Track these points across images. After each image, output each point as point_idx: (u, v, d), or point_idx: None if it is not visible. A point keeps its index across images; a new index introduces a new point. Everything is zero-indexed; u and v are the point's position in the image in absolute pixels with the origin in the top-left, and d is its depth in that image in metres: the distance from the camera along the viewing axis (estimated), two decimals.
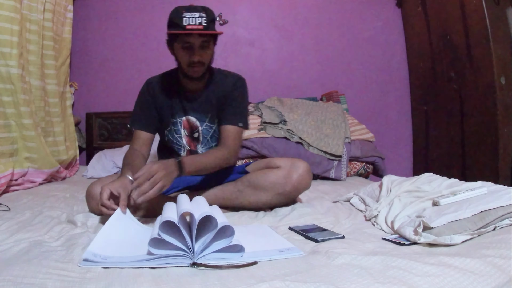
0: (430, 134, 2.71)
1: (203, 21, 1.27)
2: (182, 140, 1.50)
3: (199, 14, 1.27)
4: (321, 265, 0.77)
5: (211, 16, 1.31)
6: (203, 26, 1.27)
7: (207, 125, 1.47)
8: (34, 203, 1.49)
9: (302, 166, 1.34)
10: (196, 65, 1.34)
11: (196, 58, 1.32)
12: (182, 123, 1.48)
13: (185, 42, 1.31)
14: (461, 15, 2.24)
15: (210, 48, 1.36)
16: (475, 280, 0.67)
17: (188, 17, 1.26)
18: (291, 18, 2.96)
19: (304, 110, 2.46)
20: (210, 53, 1.38)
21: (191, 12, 1.27)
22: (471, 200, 1.01)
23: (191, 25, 1.26)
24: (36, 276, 0.71)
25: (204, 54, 1.34)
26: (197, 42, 1.30)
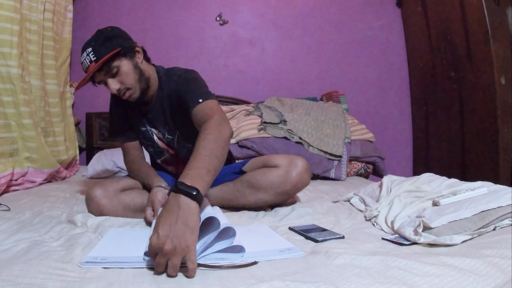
0: (430, 134, 2.71)
1: (91, 57, 1.18)
2: (159, 144, 1.46)
3: (86, 52, 1.19)
4: (321, 265, 0.77)
5: (99, 40, 1.20)
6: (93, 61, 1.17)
7: (167, 137, 1.41)
8: (34, 203, 1.49)
9: (301, 164, 1.32)
10: (123, 93, 1.25)
11: (113, 91, 1.23)
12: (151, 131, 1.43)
13: (99, 82, 1.25)
14: (461, 15, 2.24)
15: (123, 69, 1.22)
16: (475, 280, 0.67)
17: (82, 62, 1.21)
18: (291, 18, 2.96)
19: (304, 110, 2.46)
20: (128, 72, 1.23)
21: (82, 55, 1.21)
22: (471, 200, 1.01)
23: (86, 67, 1.20)
24: (36, 276, 0.70)
25: (122, 79, 1.23)
26: (103, 76, 1.22)
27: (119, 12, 2.90)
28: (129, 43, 1.28)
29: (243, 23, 2.96)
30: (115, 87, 1.23)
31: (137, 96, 1.29)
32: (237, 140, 2.30)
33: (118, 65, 1.22)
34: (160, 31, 2.92)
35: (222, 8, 2.93)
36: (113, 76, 1.22)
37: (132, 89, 1.26)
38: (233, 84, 2.94)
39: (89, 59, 1.18)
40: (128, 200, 1.26)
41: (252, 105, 2.57)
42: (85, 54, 1.20)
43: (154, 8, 2.91)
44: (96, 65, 1.17)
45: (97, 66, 1.17)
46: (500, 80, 2.02)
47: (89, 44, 1.21)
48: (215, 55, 2.95)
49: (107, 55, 1.17)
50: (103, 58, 1.17)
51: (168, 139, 1.42)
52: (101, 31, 1.25)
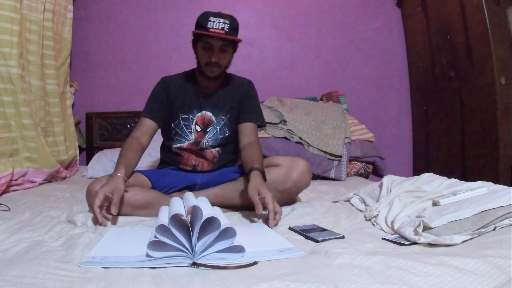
0: (430, 134, 2.71)
1: (225, 27, 1.38)
2: (190, 135, 1.54)
3: (223, 20, 1.38)
4: (321, 265, 0.77)
5: (234, 24, 1.43)
6: (224, 32, 1.37)
7: (220, 118, 1.54)
8: (34, 203, 1.49)
9: (302, 164, 1.37)
10: (213, 65, 1.43)
11: (213, 59, 1.41)
12: (194, 119, 1.53)
13: (206, 43, 1.41)
14: (461, 15, 2.24)
15: (228, 52, 1.46)
16: (475, 280, 0.67)
17: (213, 21, 1.37)
18: (291, 18, 2.96)
19: (304, 110, 2.46)
20: (228, 57, 1.47)
21: (216, 18, 1.38)
22: (471, 200, 1.01)
23: (214, 28, 1.36)
24: (36, 276, 0.71)
25: (222, 56, 1.43)
26: (217, 45, 1.40)
27: (119, 12, 2.90)
28: None
29: (243, 23, 2.94)
30: (216, 60, 1.42)
31: (215, 75, 1.47)
32: None
33: (229, 50, 1.46)
34: (160, 31, 2.92)
35: (222, 8, 2.91)
36: (221, 51, 1.43)
37: (220, 69, 1.46)
38: None
39: (223, 26, 1.38)
40: (128, 196, 1.26)
41: None
42: (221, 20, 1.38)
43: (154, 8, 2.91)
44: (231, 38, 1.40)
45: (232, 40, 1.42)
46: (500, 80, 2.02)
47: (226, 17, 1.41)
48: None
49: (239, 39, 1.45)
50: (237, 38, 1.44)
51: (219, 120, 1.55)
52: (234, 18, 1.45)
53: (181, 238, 0.81)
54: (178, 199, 1.05)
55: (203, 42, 1.42)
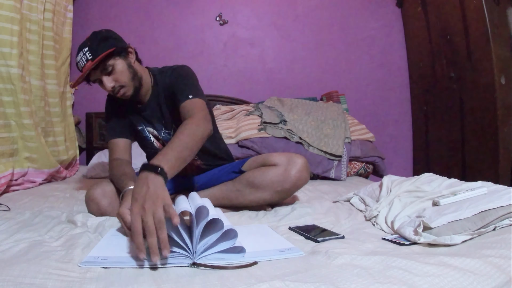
0: (430, 134, 2.71)
1: (88, 56, 1.22)
2: (155, 145, 1.47)
3: (82, 52, 1.23)
4: (321, 265, 0.77)
5: (96, 39, 1.24)
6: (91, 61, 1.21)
7: (165, 132, 1.43)
8: (34, 203, 1.49)
9: (300, 162, 1.32)
10: (118, 90, 1.29)
11: (108, 88, 1.27)
12: (147, 130, 1.45)
13: (94, 81, 1.29)
14: (461, 15, 2.24)
15: (118, 68, 1.27)
16: (475, 280, 0.67)
17: (78, 61, 1.24)
18: (291, 18, 2.96)
19: (304, 110, 2.46)
20: (121, 70, 1.27)
21: (78, 55, 1.24)
22: (471, 200, 1.01)
23: (81, 66, 1.24)
24: (36, 276, 0.70)
25: (115, 77, 1.27)
26: (98, 74, 1.26)
27: (119, 12, 2.90)
28: (123, 44, 1.33)
29: (243, 23, 2.96)
30: (110, 85, 1.27)
31: (131, 94, 1.32)
32: (237, 140, 2.30)
33: (113, 64, 1.26)
34: (160, 31, 2.92)
35: (222, 8, 2.94)
36: (108, 74, 1.27)
37: (126, 87, 1.30)
38: (233, 84, 2.94)
39: (86, 57, 1.23)
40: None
41: (252, 105, 2.57)
42: (82, 54, 1.24)
43: (154, 8, 2.91)
44: (93, 62, 1.21)
45: (94, 63, 1.21)
46: (500, 80, 2.02)
47: (85, 44, 1.25)
48: (215, 55, 2.95)
49: (103, 53, 1.22)
50: (100, 56, 1.21)
51: (165, 135, 1.43)
52: (96, 32, 1.29)
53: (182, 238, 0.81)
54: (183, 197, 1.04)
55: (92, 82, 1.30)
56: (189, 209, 0.87)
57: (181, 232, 0.81)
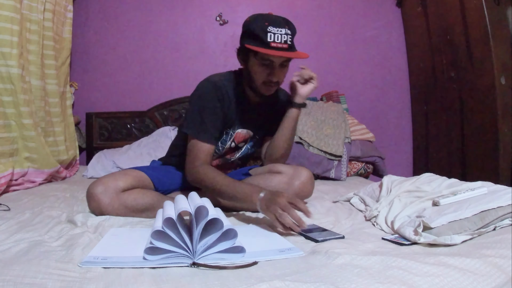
0: (430, 134, 2.71)
1: (288, 39, 1.19)
2: (221, 150, 1.43)
3: (284, 30, 1.19)
4: (321, 265, 0.77)
5: (294, 31, 1.24)
6: (288, 46, 1.19)
7: (255, 137, 1.46)
8: (34, 203, 1.49)
9: (305, 174, 1.33)
10: (273, 85, 1.27)
11: (275, 79, 1.25)
12: (233, 135, 1.41)
13: (265, 60, 1.22)
14: (461, 15, 2.24)
15: (287, 66, 1.30)
16: (475, 280, 0.67)
17: (273, 33, 1.18)
18: (291, 18, 2.93)
19: (304, 110, 2.45)
20: (286, 71, 1.31)
21: (276, 28, 1.18)
22: (471, 200, 1.01)
23: (276, 43, 1.18)
24: (36, 276, 0.70)
25: (282, 73, 1.28)
26: (279, 61, 1.23)
27: (119, 12, 2.90)
28: None
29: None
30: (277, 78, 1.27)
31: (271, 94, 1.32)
32: None
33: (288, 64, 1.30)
34: (160, 31, 2.91)
35: (222, 8, 2.93)
36: (281, 67, 1.27)
37: (278, 86, 1.32)
38: None
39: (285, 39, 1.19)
40: (130, 200, 1.25)
41: None
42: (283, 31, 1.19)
43: (154, 8, 2.91)
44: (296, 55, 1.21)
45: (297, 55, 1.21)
46: (500, 80, 2.02)
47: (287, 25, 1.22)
48: (215, 55, 2.94)
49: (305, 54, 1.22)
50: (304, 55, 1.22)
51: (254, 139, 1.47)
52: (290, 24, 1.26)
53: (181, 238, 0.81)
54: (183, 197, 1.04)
55: (261, 58, 1.22)
56: (188, 209, 0.87)
57: (181, 232, 0.81)
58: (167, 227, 0.81)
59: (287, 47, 1.20)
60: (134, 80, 2.89)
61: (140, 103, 2.84)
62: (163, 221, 0.82)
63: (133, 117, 2.81)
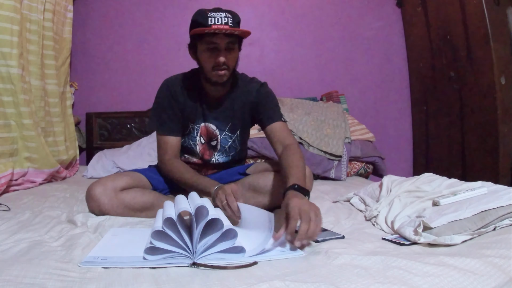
0: (430, 134, 2.71)
1: (229, 21, 1.21)
2: (195, 148, 1.44)
3: (224, 14, 1.22)
4: (321, 265, 0.77)
5: (237, 18, 1.26)
6: (229, 26, 1.20)
7: (226, 134, 1.42)
8: (34, 203, 1.49)
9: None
10: (222, 69, 1.27)
11: (221, 60, 1.24)
12: (199, 130, 1.42)
13: (210, 43, 1.24)
14: (461, 15, 2.24)
15: (235, 51, 1.29)
16: (475, 280, 0.67)
17: (214, 17, 1.21)
18: (291, 18, 2.96)
19: (304, 110, 2.46)
20: (235, 56, 1.31)
21: (216, 13, 1.22)
22: (471, 200, 1.01)
23: (217, 24, 1.20)
24: (36, 276, 0.71)
25: (230, 56, 1.27)
26: (223, 43, 1.23)
27: (119, 12, 2.90)
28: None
29: (243, 23, 2.94)
30: (224, 60, 1.25)
31: (224, 81, 1.31)
32: None
33: (236, 48, 1.29)
34: (160, 31, 2.91)
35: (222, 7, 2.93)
36: (228, 50, 1.26)
37: (228, 72, 1.30)
38: None
39: (226, 20, 1.21)
40: (128, 199, 1.26)
41: None
42: (223, 14, 1.22)
43: (154, 8, 2.91)
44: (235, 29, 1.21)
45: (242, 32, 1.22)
46: (500, 80, 2.02)
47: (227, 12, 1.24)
48: None
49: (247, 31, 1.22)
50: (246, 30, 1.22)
51: (226, 137, 1.43)
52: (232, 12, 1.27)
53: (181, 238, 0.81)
54: (183, 197, 1.04)
55: (206, 42, 1.24)
56: (188, 209, 0.87)
57: (181, 232, 0.81)
58: (167, 227, 0.81)
59: (228, 28, 1.21)
60: (134, 80, 2.89)
61: (140, 103, 2.83)
62: (163, 221, 0.82)
63: (133, 117, 2.81)
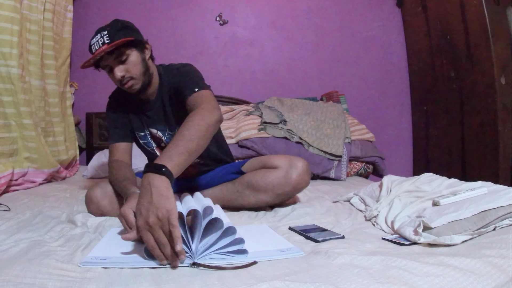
0: (430, 134, 2.71)
1: (105, 40, 1.19)
2: (156, 152, 1.45)
3: (100, 35, 1.21)
4: (321, 265, 0.77)
5: (116, 26, 1.23)
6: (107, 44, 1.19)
7: (169, 134, 1.40)
8: (34, 203, 1.49)
9: (301, 165, 1.32)
10: (125, 82, 1.26)
11: (118, 76, 1.24)
12: (148, 135, 1.43)
13: (104, 67, 1.27)
14: (461, 15, 2.24)
15: (131, 57, 1.25)
16: (475, 280, 0.67)
17: (93, 43, 1.22)
18: (291, 18, 2.96)
19: (304, 110, 2.46)
20: (134, 62, 1.26)
21: (94, 38, 1.22)
22: (471, 200, 1.01)
23: (97, 48, 1.21)
24: (36, 276, 0.70)
25: (127, 67, 1.25)
26: (111, 61, 1.24)
27: (119, 12, 2.89)
28: (141, 38, 1.32)
29: (243, 23, 2.96)
30: (120, 74, 1.24)
31: (138, 88, 1.29)
32: (237, 140, 2.30)
33: (128, 54, 1.25)
34: (160, 31, 2.91)
35: (222, 8, 2.93)
36: (121, 63, 1.25)
37: (136, 80, 1.27)
38: (233, 84, 2.94)
39: (102, 41, 1.20)
40: None
41: (252, 105, 2.57)
42: (99, 36, 1.21)
43: (154, 8, 2.91)
44: (110, 45, 1.18)
45: (111, 46, 1.18)
46: (500, 80, 2.02)
47: (105, 29, 1.22)
48: (215, 55, 2.95)
49: (122, 40, 1.19)
50: (118, 41, 1.19)
51: (169, 136, 1.40)
52: (117, 20, 1.27)
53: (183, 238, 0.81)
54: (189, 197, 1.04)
55: (102, 67, 1.28)
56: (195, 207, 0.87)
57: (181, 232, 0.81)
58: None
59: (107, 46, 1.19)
60: None
61: None
62: None
63: None
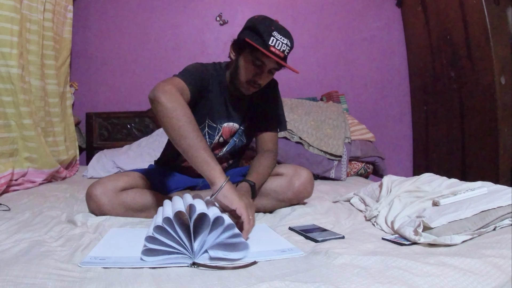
0: (430, 134, 2.71)
1: (286, 50, 1.23)
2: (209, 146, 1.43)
3: (286, 41, 1.22)
4: (321, 265, 0.77)
5: (293, 46, 1.27)
6: (283, 55, 1.22)
7: (241, 130, 1.44)
8: (34, 203, 1.49)
9: (304, 175, 1.34)
10: (255, 86, 1.29)
11: (260, 81, 1.28)
12: (221, 130, 1.40)
13: (258, 60, 1.24)
14: (461, 15, 2.24)
15: (274, 74, 1.33)
16: (475, 280, 0.67)
17: (276, 39, 1.20)
18: (291, 18, 2.96)
19: (304, 110, 2.46)
20: (270, 78, 1.34)
21: (280, 35, 1.21)
22: (471, 200, 1.01)
23: (276, 48, 1.20)
24: (36, 276, 0.70)
25: (267, 78, 1.30)
26: (270, 66, 1.25)
27: (119, 12, 2.90)
28: None
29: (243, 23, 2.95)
30: (263, 82, 1.30)
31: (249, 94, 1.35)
32: None
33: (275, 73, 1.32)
34: (160, 31, 2.92)
35: (222, 8, 2.93)
36: (271, 72, 1.30)
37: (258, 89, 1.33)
38: None
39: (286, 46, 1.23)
40: (128, 200, 1.25)
41: None
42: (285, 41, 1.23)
43: (154, 8, 2.91)
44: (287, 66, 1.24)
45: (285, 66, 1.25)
46: (500, 80, 2.02)
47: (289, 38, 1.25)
48: (215, 55, 2.95)
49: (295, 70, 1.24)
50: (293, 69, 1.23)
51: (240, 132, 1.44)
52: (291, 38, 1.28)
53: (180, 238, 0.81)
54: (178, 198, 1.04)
55: (255, 57, 1.23)
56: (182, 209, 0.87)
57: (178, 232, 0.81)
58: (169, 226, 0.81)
59: (283, 56, 1.23)
60: (134, 80, 2.89)
61: (140, 103, 2.84)
62: (162, 220, 0.82)
63: (133, 117, 2.81)
